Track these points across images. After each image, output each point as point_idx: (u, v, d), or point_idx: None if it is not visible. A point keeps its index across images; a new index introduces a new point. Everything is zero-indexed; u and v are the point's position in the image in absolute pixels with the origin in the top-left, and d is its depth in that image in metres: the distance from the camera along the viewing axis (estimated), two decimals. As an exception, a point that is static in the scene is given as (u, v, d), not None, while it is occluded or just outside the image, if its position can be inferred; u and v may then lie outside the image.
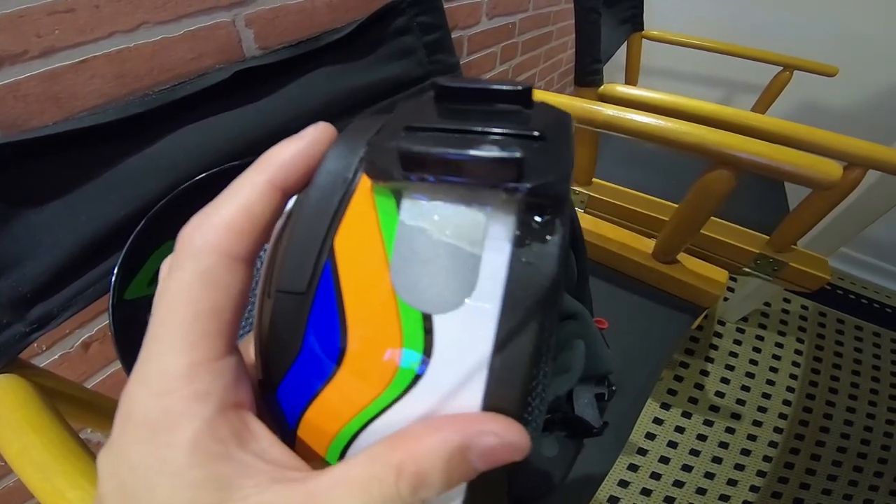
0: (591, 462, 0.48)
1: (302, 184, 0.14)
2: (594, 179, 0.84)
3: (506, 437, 0.12)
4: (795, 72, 1.10)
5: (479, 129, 0.12)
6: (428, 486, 0.11)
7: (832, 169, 0.46)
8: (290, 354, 0.13)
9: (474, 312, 0.12)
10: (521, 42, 1.15)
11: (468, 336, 0.12)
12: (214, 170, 0.39)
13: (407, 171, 0.12)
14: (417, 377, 0.12)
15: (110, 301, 0.37)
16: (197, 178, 0.39)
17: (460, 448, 0.11)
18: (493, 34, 1.00)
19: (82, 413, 0.41)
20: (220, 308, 0.13)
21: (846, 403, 1.22)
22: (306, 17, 0.53)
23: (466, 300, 0.12)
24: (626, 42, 1.17)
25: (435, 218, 0.12)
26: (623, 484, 1.05)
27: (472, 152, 0.11)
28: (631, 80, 1.25)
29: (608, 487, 1.04)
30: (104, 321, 0.56)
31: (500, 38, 1.03)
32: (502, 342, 0.12)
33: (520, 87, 0.12)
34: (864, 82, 1.28)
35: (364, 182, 0.13)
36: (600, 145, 0.81)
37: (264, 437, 0.13)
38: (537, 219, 0.12)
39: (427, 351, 0.12)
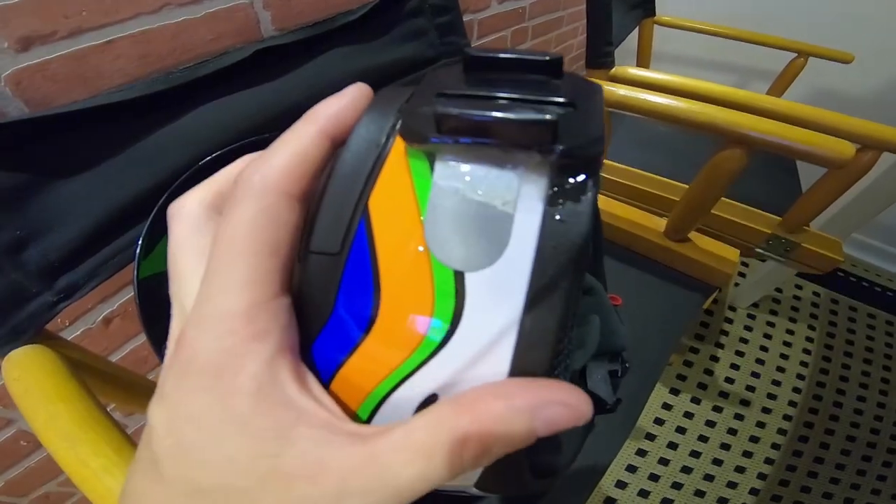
0: (599, 446, 0.48)
1: (347, 133, 0.14)
2: (606, 161, 0.84)
3: (571, 403, 0.12)
4: (810, 58, 1.08)
5: (510, 94, 0.12)
6: (492, 454, 0.11)
7: (844, 148, 0.46)
8: (321, 317, 0.14)
9: (506, 270, 0.12)
10: (531, 26, 1.14)
11: (499, 293, 0.12)
12: (233, 146, 0.41)
13: (442, 133, 0.12)
14: (449, 335, 0.12)
15: (135, 270, 0.38)
16: (216, 153, 0.40)
17: (529, 416, 0.11)
18: (503, 18, 1.00)
19: (106, 386, 0.41)
20: (280, 245, 0.13)
21: (857, 392, 1.22)
22: (321, -1, 0.53)
23: (499, 258, 0.12)
24: (637, 28, 1.16)
25: (468, 179, 0.12)
26: (631, 469, 1.05)
27: (509, 115, 0.11)
28: (642, 65, 1.23)
29: (616, 472, 1.04)
30: (125, 296, 0.58)
31: (510, 21, 1.03)
32: (533, 300, 0.12)
33: (548, 58, 0.13)
34: (881, 69, 1.25)
35: (398, 146, 0.13)
36: (612, 127, 0.80)
37: (315, 383, 0.13)
38: (570, 180, 0.12)
39: (458, 308, 0.12)
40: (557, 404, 0.11)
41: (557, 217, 0.12)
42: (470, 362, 0.12)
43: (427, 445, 0.11)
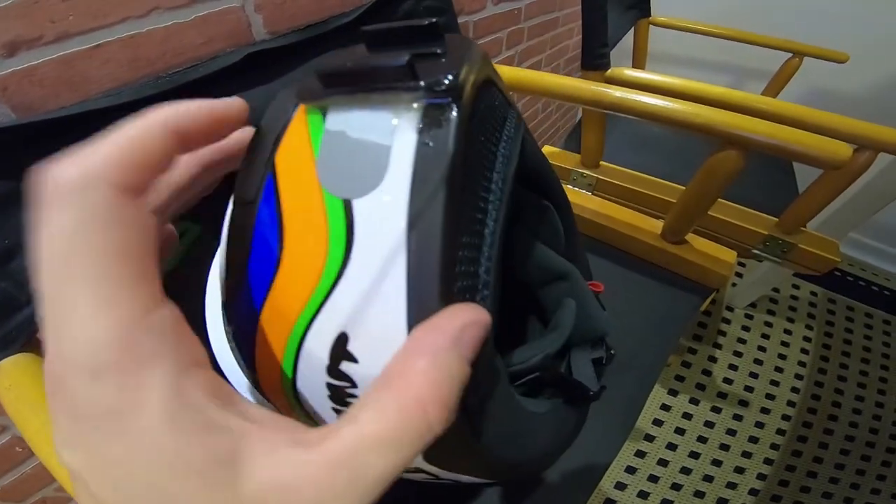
0: (598, 447, 0.48)
1: (202, 136, 0.14)
2: (602, 162, 0.84)
3: (474, 318, 0.12)
4: (805, 58, 1.08)
5: (391, 52, 0.14)
6: (452, 407, 0.11)
7: (841, 148, 0.46)
8: (243, 257, 0.15)
9: (387, 193, 0.13)
10: (527, 27, 1.14)
11: (384, 215, 0.13)
12: None
13: (325, 86, 0.14)
14: (346, 261, 0.13)
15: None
16: None
17: (455, 352, 0.11)
18: (499, 19, 0.99)
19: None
20: (128, 247, 0.11)
21: (855, 391, 1.22)
22: (314, 1, 0.53)
23: (380, 183, 0.13)
24: (633, 28, 1.16)
25: (352, 122, 0.14)
26: (630, 470, 1.05)
27: (371, 62, 0.13)
28: (638, 66, 1.24)
29: (615, 474, 1.04)
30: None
31: (506, 23, 1.03)
32: (415, 217, 0.13)
33: (426, 22, 0.14)
34: (876, 69, 1.26)
35: (301, 109, 0.15)
36: (608, 129, 0.80)
37: (240, 398, 0.12)
38: (436, 109, 0.14)
39: (350, 234, 0.13)
40: (468, 326, 0.12)
41: (427, 141, 0.13)
42: (370, 289, 0.13)
43: (390, 430, 0.10)
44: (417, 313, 0.13)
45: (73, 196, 0.10)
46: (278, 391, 0.16)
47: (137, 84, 0.41)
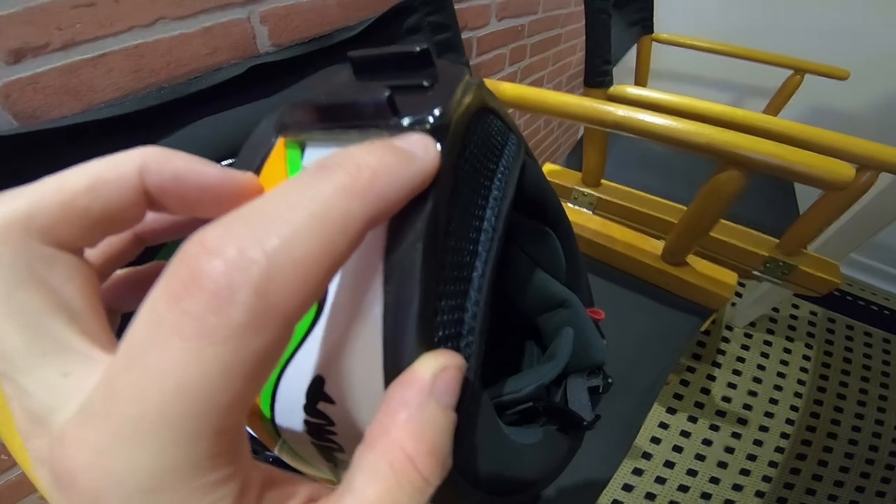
0: (595, 465, 0.48)
1: (184, 205, 0.12)
2: (603, 181, 0.84)
3: (450, 363, 0.12)
4: (806, 75, 1.09)
5: (375, 83, 0.13)
6: (442, 455, 0.11)
7: (844, 169, 0.46)
8: None
9: (364, 240, 0.12)
10: (530, 44, 1.15)
11: (360, 264, 0.12)
12: (224, 162, 0.40)
13: (303, 120, 0.13)
14: (320, 310, 0.13)
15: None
16: None
17: (433, 400, 0.11)
18: (502, 35, 1.00)
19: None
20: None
21: (854, 410, 1.21)
22: (318, 14, 0.53)
23: None
24: (635, 45, 1.17)
25: None
26: (627, 488, 1.04)
27: (348, 97, 0.12)
28: (640, 83, 1.24)
29: (612, 491, 1.03)
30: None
31: (509, 39, 1.04)
32: (391, 270, 0.12)
33: (417, 49, 0.13)
34: (876, 85, 1.27)
35: (281, 140, 0.15)
36: (610, 146, 0.80)
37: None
38: None
39: None
40: (440, 372, 0.11)
41: None
42: (344, 339, 0.13)
43: (388, 492, 0.10)
44: (394, 367, 0.12)
45: (239, 334, 0.08)
46: (258, 425, 0.15)
47: (140, 95, 0.41)
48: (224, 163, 0.15)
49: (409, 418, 0.11)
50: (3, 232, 0.10)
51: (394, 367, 0.12)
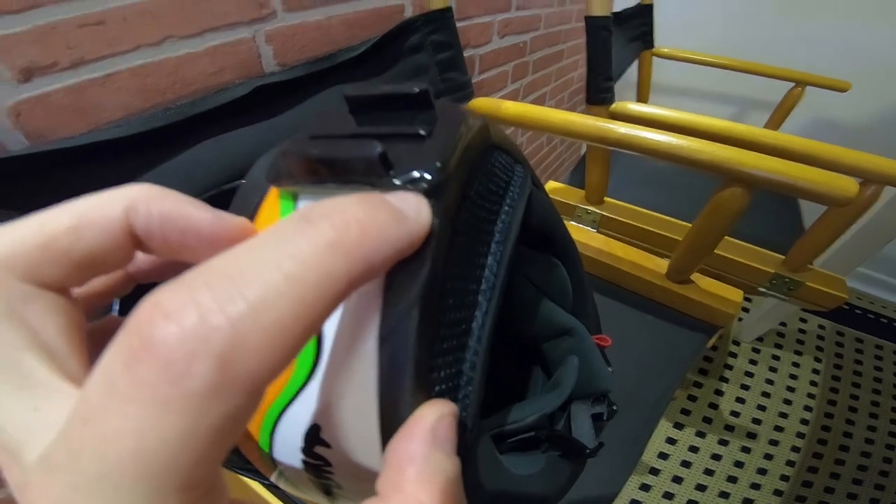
0: (602, 482, 0.47)
1: (172, 249, 0.12)
2: (606, 198, 0.84)
3: (445, 411, 0.12)
4: (808, 88, 1.10)
5: (369, 132, 0.13)
6: (461, 498, 0.11)
7: (848, 185, 0.46)
8: None
9: (357, 306, 0.12)
10: (532, 61, 1.16)
11: (355, 327, 0.12)
12: (225, 186, 0.40)
13: (295, 171, 0.13)
14: (314, 368, 0.13)
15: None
16: (206, 194, 0.39)
17: (441, 453, 0.11)
18: (504, 52, 1.01)
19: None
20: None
21: (867, 422, 1.19)
22: (323, 33, 0.54)
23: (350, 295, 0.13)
24: (636, 60, 1.18)
25: None
26: (634, 504, 1.02)
27: (340, 153, 0.12)
28: (642, 97, 1.25)
29: (619, 508, 1.02)
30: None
31: (511, 56, 1.05)
32: (386, 334, 0.12)
33: (416, 90, 0.13)
34: (878, 97, 1.27)
35: (273, 189, 0.14)
36: (612, 163, 0.81)
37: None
38: None
39: (318, 343, 0.13)
40: (438, 422, 0.11)
41: None
42: (340, 395, 0.13)
43: None
44: (390, 421, 0.12)
45: (199, 401, 0.08)
46: (256, 457, 0.15)
47: (146, 115, 0.42)
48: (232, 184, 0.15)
49: (419, 472, 0.11)
50: None
51: (391, 420, 0.12)
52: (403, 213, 0.11)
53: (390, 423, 0.12)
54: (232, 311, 0.08)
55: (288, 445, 0.14)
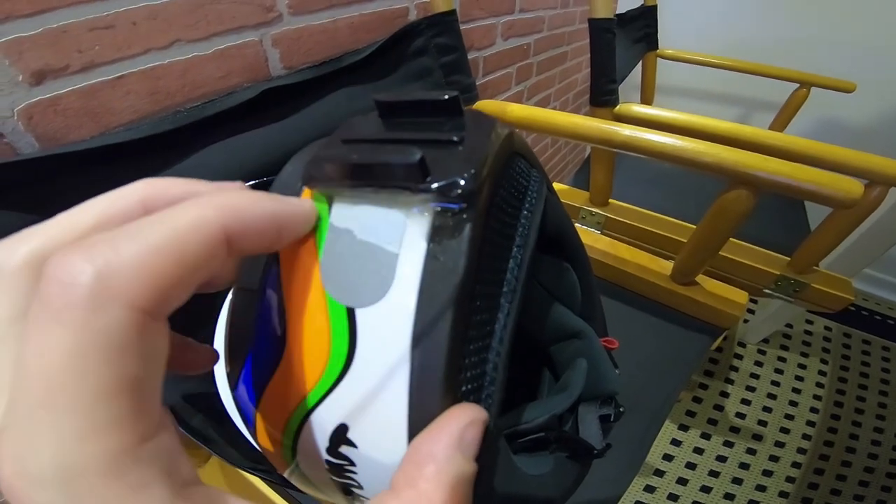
0: (606, 483, 0.47)
1: (252, 245, 0.12)
2: (611, 200, 0.84)
3: (473, 417, 0.12)
4: (813, 88, 1.09)
5: (404, 137, 0.13)
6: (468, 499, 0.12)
7: (853, 187, 0.45)
8: (246, 343, 0.15)
9: (391, 307, 0.13)
10: (536, 63, 1.16)
11: (387, 330, 0.13)
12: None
13: (331, 174, 0.13)
14: (347, 367, 0.13)
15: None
16: None
17: (462, 458, 0.12)
18: (508, 55, 1.01)
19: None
20: (136, 381, 0.09)
21: (873, 423, 1.19)
22: (329, 37, 0.54)
23: (384, 296, 0.13)
24: (640, 61, 1.18)
25: (360, 220, 0.13)
26: (639, 506, 1.02)
27: (377, 157, 0.12)
28: (646, 99, 1.25)
29: (624, 510, 1.01)
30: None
31: (515, 58, 1.05)
32: (419, 336, 0.12)
33: (446, 97, 0.13)
34: (883, 97, 1.26)
35: (307, 191, 0.14)
36: (617, 165, 0.80)
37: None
38: (450, 216, 0.13)
39: (352, 341, 0.13)
40: (468, 427, 0.12)
41: (436, 255, 0.13)
42: (370, 394, 0.13)
43: None
44: (418, 420, 0.12)
45: (81, 313, 0.08)
46: (275, 451, 0.15)
47: (156, 118, 0.42)
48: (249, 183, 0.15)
49: (437, 472, 0.11)
50: (20, 266, 0.11)
51: (419, 421, 0.12)
52: (285, 198, 0.13)
53: (418, 422, 0.12)
54: (115, 241, 0.09)
55: (313, 443, 0.14)
